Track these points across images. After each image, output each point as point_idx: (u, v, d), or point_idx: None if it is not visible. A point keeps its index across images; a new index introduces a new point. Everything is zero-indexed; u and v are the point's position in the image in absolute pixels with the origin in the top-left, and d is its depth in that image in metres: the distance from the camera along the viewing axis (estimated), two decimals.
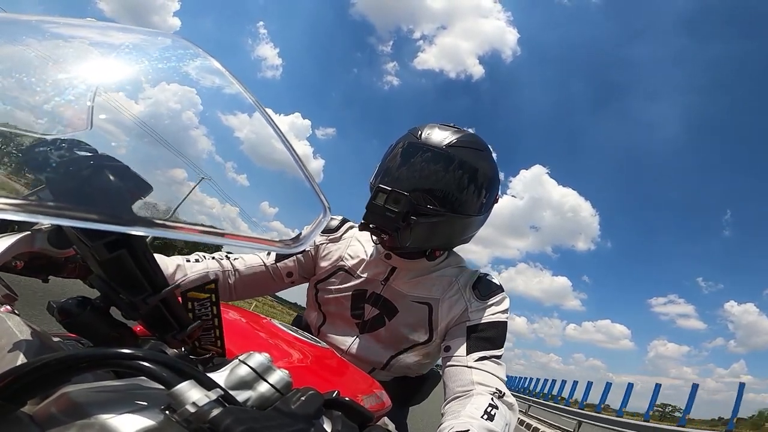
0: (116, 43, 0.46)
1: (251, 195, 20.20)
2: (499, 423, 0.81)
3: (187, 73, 0.46)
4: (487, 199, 1.11)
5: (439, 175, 1.03)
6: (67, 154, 0.37)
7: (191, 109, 0.49)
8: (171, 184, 0.45)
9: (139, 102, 0.45)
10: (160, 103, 0.47)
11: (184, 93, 0.47)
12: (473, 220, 1.10)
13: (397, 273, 1.12)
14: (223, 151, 0.50)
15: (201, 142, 0.50)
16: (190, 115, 0.49)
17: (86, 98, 0.41)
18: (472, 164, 1.06)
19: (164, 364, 0.31)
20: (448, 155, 1.04)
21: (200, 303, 0.50)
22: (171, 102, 0.47)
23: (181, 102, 0.48)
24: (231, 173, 1.50)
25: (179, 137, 0.51)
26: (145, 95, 0.45)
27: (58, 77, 0.41)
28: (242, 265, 1.14)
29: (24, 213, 0.28)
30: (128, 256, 0.40)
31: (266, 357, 0.37)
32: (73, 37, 0.45)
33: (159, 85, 0.46)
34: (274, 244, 0.34)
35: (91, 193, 0.36)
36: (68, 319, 0.43)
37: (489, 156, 1.11)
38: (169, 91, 0.47)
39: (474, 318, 1.06)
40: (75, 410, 0.29)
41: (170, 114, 0.47)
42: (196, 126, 0.50)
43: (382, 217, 0.98)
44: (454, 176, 1.04)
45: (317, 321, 1.20)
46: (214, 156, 0.49)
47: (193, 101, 0.48)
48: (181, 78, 0.46)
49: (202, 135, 0.49)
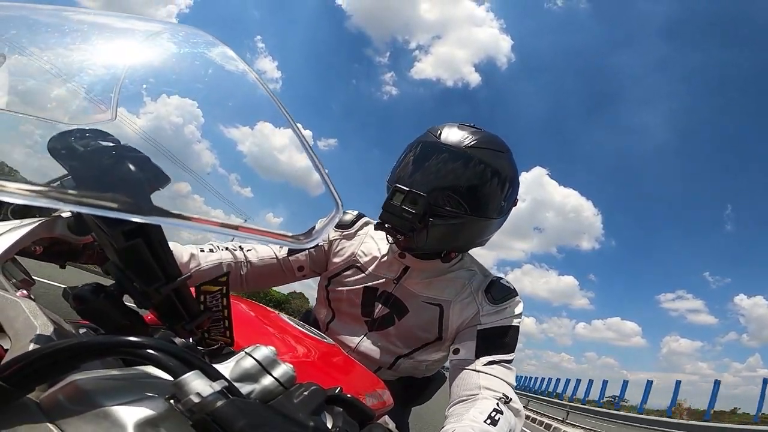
0: (140, 35, 0.47)
1: (265, 189, 20.06)
2: (503, 428, 0.80)
3: (206, 66, 0.46)
4: (506, 202, 1.08)
5: (458, 176, 1.01)
6: (91, 143, 0.38)
7: (209, 102, 0.49)
8: (188, 176, 0.46)
9: (162, 93, 0.46)
10: (182, 94, 0.47)
11: (204, 84, 0.48)
12: (491, 222, 1.08)
13: (410, 273, 1.11)
14: (238, 146, 0.51)
15: (217, 135, 0.51)
16: (208, 107, 0.49)
17: (111, 89, 0.42)
18: (492, 165, 1.03)
19: (171, 354, 0.31)
20: (467, 156, 1.02)
21: (212, 295, 0.51)
22: (192, 93, 0.48)
23: (201, 94, 0.49)
24: (246, 166, 1.49)
25: (197, 129, 0.52)
26: (168, 86, 0.46)
27: (84, 68, 0.42)
28: (255, 257, 1.15)
29: (47, 199, 0.29)
30: (144, 245, 0.40)
31: (272, 350, 0.37)
32: (99, 27, 0.46)
33: (181, 76, 0.47)
34: (287, 239, 0.34)
35: (112, 182, 0.37)
36: (82, 305, 0.44)
37: (509, 157, 1.09)
38: (190, 82, 0.47)
39: (485, 322, 1.04)
40: (81, 398, 0.30)
41: (190, 106, 0.48)
42: (214, 118, 0.51)
43: (399, 217, 0.97)
44: (474, 178, 1.01)
45: (326, 317, 1.20)
46: (231, 150, 0.50)
47: (212, 94, 0.48)
48: (202, 69, 0.46)
49: (219, 128, 0.50)
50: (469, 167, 1.01)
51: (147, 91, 0.45)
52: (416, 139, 1.11)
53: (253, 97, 0.45)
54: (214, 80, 0.46)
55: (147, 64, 0.46)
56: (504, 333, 1.03)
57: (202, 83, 0.46)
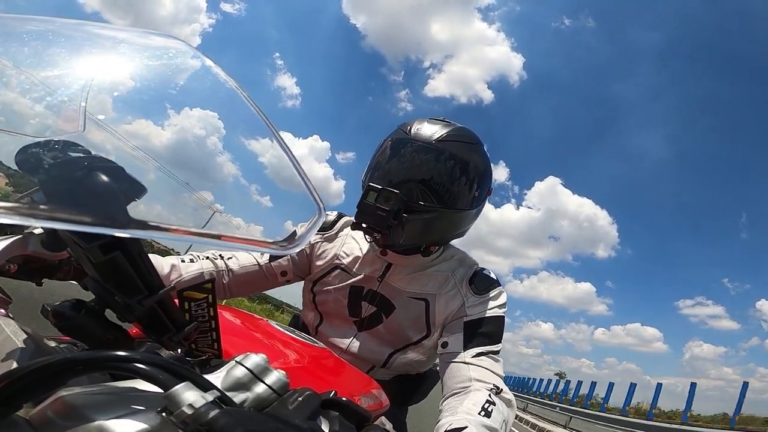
0: (108, 43, 0.45)
1: (247, 195, 19.92)
2: (497, 419, 0.82)
3: (179, 72, 0.45)
4: (479, 193, 1.10)
5: (429, 169, 1.02)
6: (60, 155, 0.37)
7: (184, 109, 0.49)
8: (165, 185, 0.45)
9: (132, 101, 0.45)
10: (153, 102, 0.46)
11: (177, 92, 0.47)
12: (466, 214, 1.09)
13: (393, 269, 1.12)
14: (218, 151, 0.50)
15: (193, 142, 0.50)
16: (183, 115, 0.48)
17: (79, 99, 0.40)
18: (463, 158, 1.05)
19: (160, 366, 0.31)
20: (437, 149, 1.03)
21: (197, 303, 0.50)
22: (164, 101, 0.47)
23: (174, 101, 0.48)
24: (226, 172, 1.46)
25: (171, 137, 0.50)
26: (138, 94, 0.45)
27: (50, 78, 0.41)
28: (236, 265, 1.13)
29: (17, 216, 0.28)
30: (123, 257, 0.39)
31: (263, 358, 0.37)
32: (65, 37, 0.45)
33: (152, 85, 0.46)
34: (269, 245, 0.34)
35: (85, 195, 0.35)
36: (63, 322, 0.43)
37: (480, 149, 1.10)
38: (162, 90, 0.46)
39: (471, 313, 1.06)
40: (71, 414, 0.29)
41: (162, 113, 0.46)
42: (188, 126, 0.50)
43: (374, 216, 0.98)
44: (444, 171, 1.03)
45: (314, 321, 1.20)
46: (210, 157, 0.49)
47: (186, 101, 0.47)
48: (174, 77, 0.46)
49: (195, 134, 0.49)
50: (439, 161, 1.03)
51: (116, 99, 0.44)
52: (388, 136, 1.12)
53: (228, 101, 0.44)
54: (185, 85, 0.45)
55: (115, 72, 0.45)
56: (490, 323, 1.05)
57: (175, 89, 0.45)
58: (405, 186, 1.01)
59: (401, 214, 0.99)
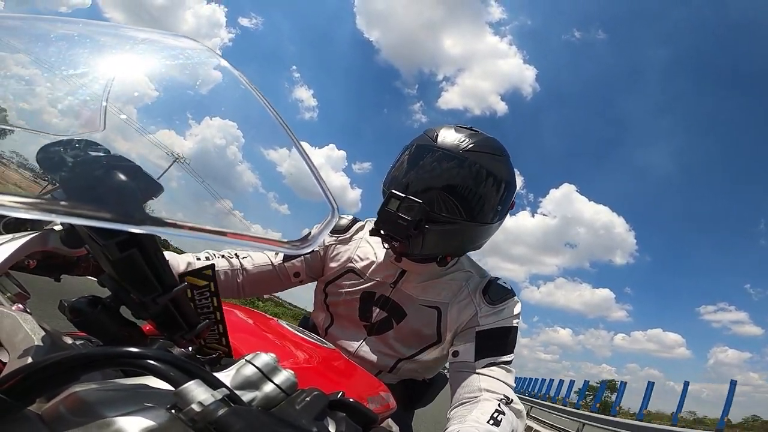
0: (129, 44, 0.46)
1: (261, 194, 20.02)
2: (506, 429, 0.80)
3: (197, 72, 0.46)
4: (503, 206, 1.06)
5: (454, 181, 0.99)
6: (81, 154, 0.38)
7: (202, 109, 0.49)
8: (181, 184, 0.46)
9: (151, 102, 0.45)
10: (172, 102, 0.47)
11: (195, 93, 0.47)
12: (488, 227, 1.06)
13: (406, 276, 1.11)
14: (238, 161, 0.51)
15: (213, 150, 0.51)
16: (200, 115, 0.49)
17: (100, 99, 0.41)
18: (490, 169, 1.01)
19: (171, 364, 0.31)
20: (464, 160, 0.99)
21: (199, 291, 0.50)
22: (182, 101, 0.47)
23: (192, 102, 0.49)
24: (240, 171, 1.47)
25: (189, 140, 0.51)
26: (157, 95, 0.46)
27: (72, 78, 0.42)
28: (250, 264, 1.14)
29: (38, 212, 0.29)
30: (139, 255, 0.40)
31: (272, 357, 0.37)
32: (87, 38, 0.46)
33: (170, 85, 0.46)
34: (282, 245, 0.34)
35: (104, 192, 0.36)
36: (79, 317, 0.43)
37: (507, 161, 1.06)
38: (180, 91, 0.47)
39: (483, 323, 1.04)
40: (83, 410, 0.30)
41: (180, 113, 0.47)
42: (206, 126, 0.50)
43: (394, 224, 0.96)
44: (469, 182, 0.99)
45: (325, 322, 1.20)
46: (225, 156, 0.49)
47: (204, 101, 0.48)
48: (191, 78, 0.46)
49: (211, 135, 0.50)
50: (465, 171, 0.99)
51: (136, 100, 0.45)
52: (412, 141, 1.09)
53: (243, 101, 0.45)
54: (203, 86, 0.46)
55: (135, 72, 0.46)
56: (503, 334, 1.03)
57: (192, 90, 0.46)
58: (427, 194, 0.98)
59: (423, 224, 0.96)
